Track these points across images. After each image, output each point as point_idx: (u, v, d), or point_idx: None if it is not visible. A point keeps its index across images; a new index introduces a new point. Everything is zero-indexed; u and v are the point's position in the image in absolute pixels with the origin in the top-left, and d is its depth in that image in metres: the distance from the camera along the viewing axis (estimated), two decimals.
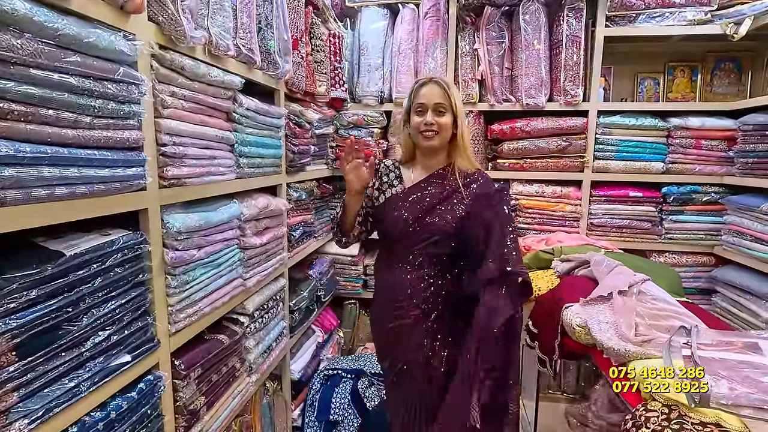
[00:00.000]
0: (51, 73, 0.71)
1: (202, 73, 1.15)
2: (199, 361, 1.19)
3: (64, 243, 0.82)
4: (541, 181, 2.43)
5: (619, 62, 2.51)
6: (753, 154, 2.05)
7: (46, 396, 0.74)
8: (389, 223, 1.37)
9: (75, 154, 0.77)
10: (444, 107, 1.33)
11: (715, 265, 2.32)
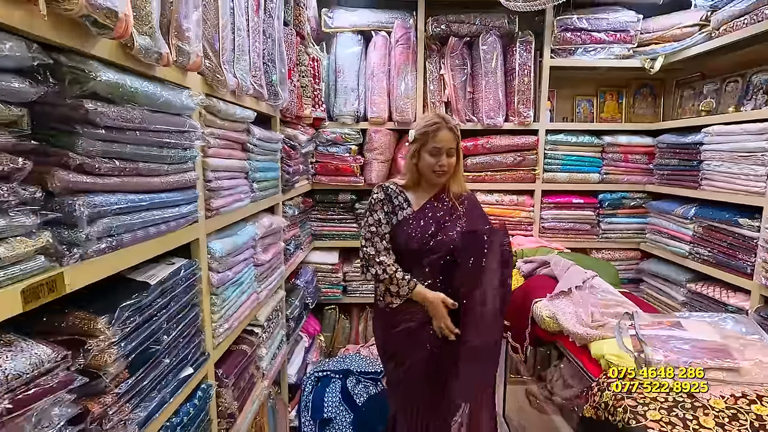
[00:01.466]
0: (148, 134, 0.85)
1: (231, 112, 1.29)
2: (233, 370, 1.33)
3: (144, 274, 0.94)
4: (499, 191, 2.75)
5: (560, 87, 2.90)
6: (667, 167, 2.51)
7: (148, 403, 0.87)
8: (403, 241, 1.57)
9: (161, 198, 0.91)
10: (454, 150, 1.56)
11: (641, 259, 2.78)
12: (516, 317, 1.88)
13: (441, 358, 1.54)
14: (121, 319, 0.79)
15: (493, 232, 1.54)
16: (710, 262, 2.15)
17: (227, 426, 1.28)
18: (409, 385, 1.59)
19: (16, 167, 0.57)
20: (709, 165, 2.16)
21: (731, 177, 2.03)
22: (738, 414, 1.00)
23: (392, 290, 1.53)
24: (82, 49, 0.68)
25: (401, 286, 1.52)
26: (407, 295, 1.52)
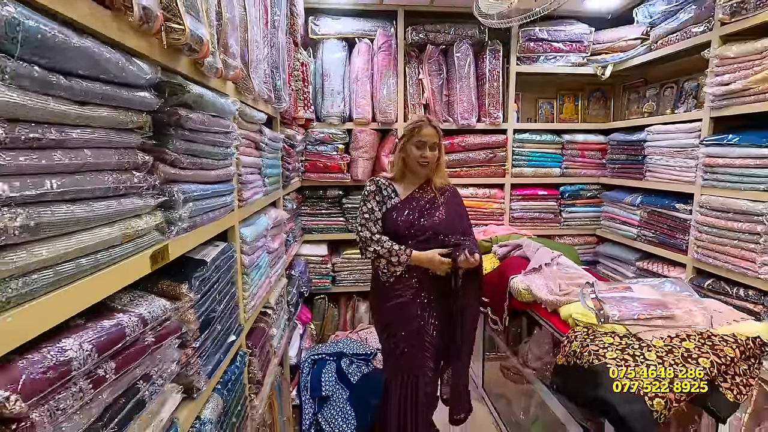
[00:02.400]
0: (210, 135, 1.02)
1: (252, 115, 1.47)
2: (257, 343, 1.50)
3: (200, 253, 1.11)
4: (474, 185, 3.03)
5: (525, 90, 3.22)
6: (617, 162, 2.88)
7: (211, 360, 1.05)
8: (390, 226, 1.80)
9: (215, 189, 1.08)
10: (436, 144, 1.81)
11: (597, 243, 3.15)
12: (494, 293, 2.15)
13: (429, 330, 1.78)
14: (195, 286, 0.96)
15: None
16: (654, 242, 2.52)
17: (256, 391, 1.46)
18: (400, 354, 1.82)
19: (144, 161, 0.74)
20: (651, 159, 2.52)
21: (669, 169, 2.39)
22: (672, 349, 1.29)
23: (393, 261, 1.76)
24: (175, 68, 0.86)
25: (400, 255, 1.75)
26: (407, 261, 1.75)
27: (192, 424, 0.95)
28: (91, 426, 0.56)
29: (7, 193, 0.44)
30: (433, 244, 1.82)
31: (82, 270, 0.57)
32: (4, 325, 0.44)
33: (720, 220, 2.02)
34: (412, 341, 1.82)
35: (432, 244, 1.80)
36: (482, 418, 2.54)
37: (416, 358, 1.83)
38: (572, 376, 1.38)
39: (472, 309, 1.90)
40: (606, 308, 1.46)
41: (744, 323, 1.37)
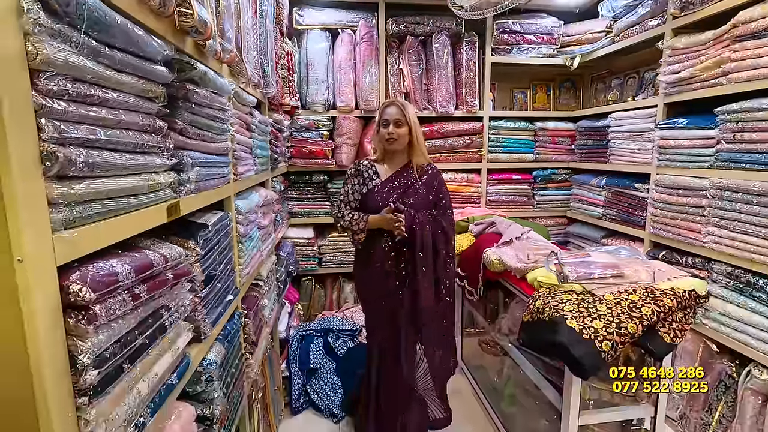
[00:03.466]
0: (211, 109, 1.15)
1: (243, 97, 1.59)
2: (251, 308, 1.63)
3: (201, 218, 1.23)
4: (452, 170, 3.20)
5: (500, 80, 3.40)
6: (585, 147, 3.08)
7: (213, 311, 1.18)
8: (370, 205, 1.94)
9: (215, 159, 1.21)
10: (401, 121, 1.93)
11: (567, 224, 3.36)
12: (470, 267, 2.33)
13: (403, 298, 1.93)
14: (200, 243, 1.09)
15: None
16: (617, 220, 2.73)
17: (251, 350, 1.59)
18: (378, 322, 1.98)
19: (160, 126, 0.87)
20: (614, 143, 2.73)
21: (629, 152, 2.60)
22: (620, 301, 1.48)
23: (354, 229, 1.91)
24: (183, 48, 0.98)
25: (359, 223, 1.90)
26: (365, 227, 1.90)
27: (200, 362, 1.08)
28: (129, 332, 0.69)
29: (75, 135, 0.57)
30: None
31: (121, 208, 0.70)
32: (71, 238, 0.57)
33: (672, 197, 2.23)
34: (389, 307, 1.96)
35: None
36: (462, 387, 2.72)
37: (393, 326, 1.98)
38: (535, 330, 1.55)
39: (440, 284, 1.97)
40: (566, 270, 1.64)
41: (682, 279, 1.57)
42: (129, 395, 0.69)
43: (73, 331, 0.56)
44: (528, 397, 2.06)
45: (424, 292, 1.88)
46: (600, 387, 1.64)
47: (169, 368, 0.86)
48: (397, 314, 1.96)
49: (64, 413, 0.54)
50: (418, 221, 1.85)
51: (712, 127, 1.99)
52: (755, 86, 1.79)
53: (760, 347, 1.79)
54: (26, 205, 0.50)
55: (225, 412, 1.23)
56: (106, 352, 0.61)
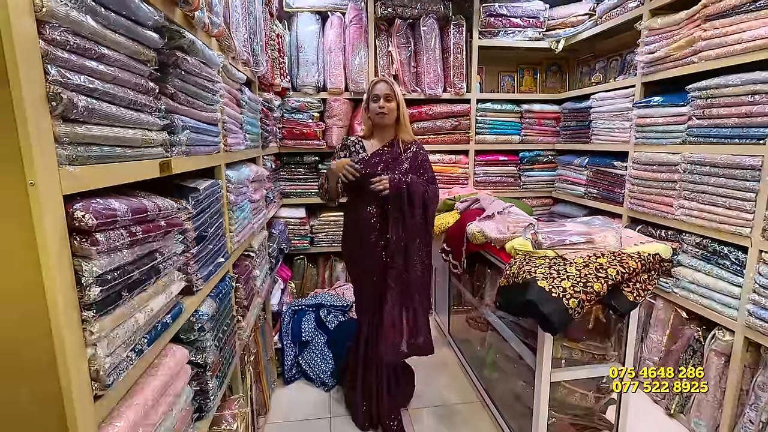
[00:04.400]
0: (200, 79, 1.22)
1: (233, 72, 1.66)
2: (242, 274, 1.72)
3: (193, 183, 1.31)
4: (441, 151, 3.28)
5: (488, 64, 3.46)
6: (569, 128, 3.17)
7: (205, 269, 1.26)
8: (358, 180, 2.02)
9: (205, 127, 1.29)
10: (390, 97, 2.02)
11: (552, 204, 3.46)
12: (454, 241, 2.42)
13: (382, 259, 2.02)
14: (191, 203, 1.17)
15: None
16: (598, 198, 2.83)
17: (242, 314, 1.68)
18: (363, 285, 2.09)
19: (152, 88, 0.94)
20: (596, 123, 2.82)
21: (609, 131, 2.69)
22: (589, 264, 1.57)
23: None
24: (172, 18, 1.05)
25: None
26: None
27: (193, 313, 1.17)
28: (127, 265, 0.77)
29: (76, 82, 0.65)
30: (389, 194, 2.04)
31: (117, 155, 0.79)
32: (75, 173, 0.65)
33: (647, 173, 2.32)
34: (375, 276, 2.05)
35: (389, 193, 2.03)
36: (448, 358, 2.84)
37: (379, 294, 2.06)
38: (510, 293, 1.65)
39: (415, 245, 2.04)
40: (540, 237, 1.73)
41: (648, 244, 1.67)
42: (128, 321, 0.78)
43: (78, 252, 0.65)
44: (508, 363, 2.17)
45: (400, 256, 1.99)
46: (571, 346, 1.75)
47: (164, 309, 0.95)
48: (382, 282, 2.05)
49: (71, 321, 0.63)
50: (395, 181, 1.94)
51: (684, 104, 2.08)
52: (723, 63, 1.88)
53: (725, 311, 1.90)
54: (37, 138, 0.58)
55: (218, 364, 1.33)
56: (107, 275, 0.70)
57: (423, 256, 2.05)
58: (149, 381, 0.88)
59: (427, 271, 2.13)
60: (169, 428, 0.93)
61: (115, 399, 0.75)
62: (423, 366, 2.70)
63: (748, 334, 1.79)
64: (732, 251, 1.88)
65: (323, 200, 2.12)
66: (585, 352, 1.75)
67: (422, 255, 2.04)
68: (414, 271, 2.05)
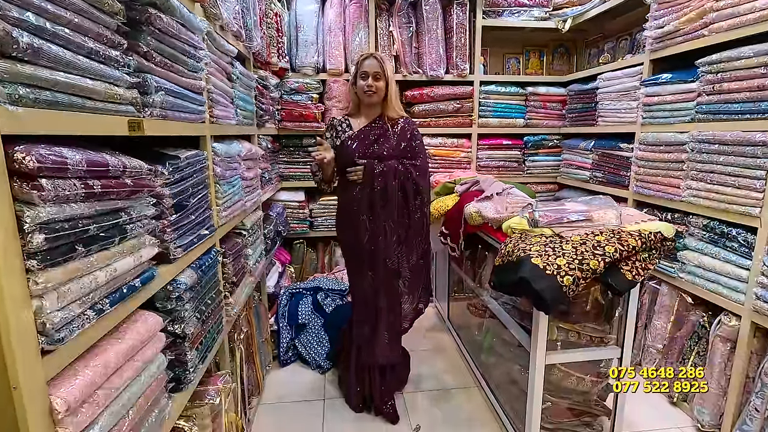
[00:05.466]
0: (179, 41, 1.18)
1: (221, 43, 1.62)
2: (231, 251, 1.69)
3: (176, 152, 1.28)
4: (443, 135, 3.21)
5: (493, 45, 3.37)
6: (575, 111, 3.07)
7: (185, 238, 1.23)
8: (347, 154, 1.99)
9: (185, 93, 1.25)
10: (379, 75, 1.97)
11: (557, 190, 3.37)
12: (452, 224, 2.37)
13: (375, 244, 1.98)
14: (169, 169, 1.14)
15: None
16: (603, 181, 2.74)
17: (230, 290, 1.66)
18: (356, 263, 2.05)
19: (119, 41, 0.91)
20: (602, 105, 2.72)
21: (615, 112, 2.59)
22: (586, 242, 1.51)
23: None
24: None
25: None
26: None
27: (171, 281, 1.14)
28: (82, 219, 0.74)
29: (16, 15, 0.61)
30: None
31: (74, 104, 0.75)
32: (16, 113, 0.61)
33: (654, 153, 2.23)
34: (362, 250, 2.01)
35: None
36: (446, 344, 2.80)
37: (367, 264, 2.02)
38: (504, 271, 1.60)
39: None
40: (536, 215, 1.67)
41: (650, 222, 1.60)
42: (85, 277, 0.75)
43: (19, 195, 0.61)
44: (504, 347, 2.12)
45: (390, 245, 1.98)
46: (567, 328, 1.69)
47: (132, 272, 0.92)
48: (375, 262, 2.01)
49: (13, 268, 0.60)
50: (380, 171, 1.92)
51: (694, 80, 1.99)
52: (734, 35, 1.78)
53: (731, 296, 1.83)
54: None
55: (199, 335, 1.30)
56: (54, 225, 0.67)
57: (420, 242, 2.04)
58: (113, 344, 0.86)
59: (425, 257, 2.10)
60: (136, 393, 0.90)
61: (68, 357, 0.72)
62: (421, 350, 2.67)
63: (756, 319, 1.71)
64: (740, 233, 1.79)
65: (318, 185, 2.09)
66: (582, 335, 1.70)
67: (419, 242, 2.03)
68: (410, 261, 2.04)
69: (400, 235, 2.02)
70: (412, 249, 2.03)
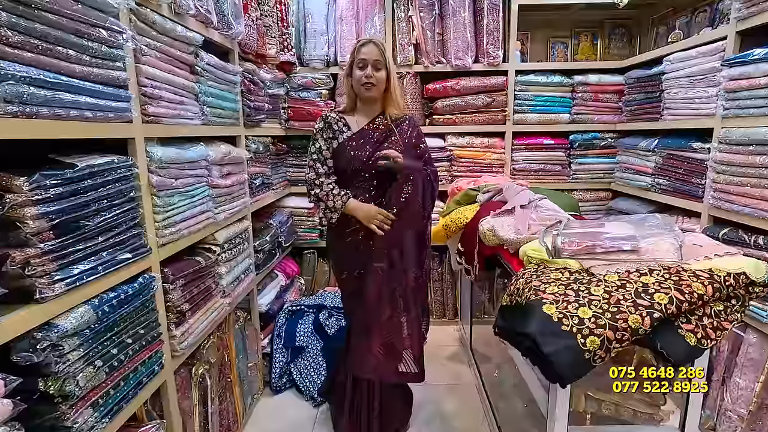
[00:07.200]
0: (62, 18, 0.93)
1: (170, 28, 1.36)
2: (182, 273, 1.44)
3: (75, 159, 1.03)
4: (471, 133, 2.79)
5: (534, 28, 2.88)
6: (634, 103, 2.51)
7: (74, 269, 0.97)
8: (345, 162, 1.68)
9: (81, 84, 0.99)
10: (380, 64, 1.64)
11: (611, 199, 2.81)
12: (468, 241, 1.96)
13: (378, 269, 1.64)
14: (40, 183, 0.88)
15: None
16: (668, 191, 2.19)
17: (177, 320, 1.40)
18: (357, 292, 1.71)
19: None
20: (669, 93, 2.16)
21: (687, 102, 2.04)
22: (626, 284, 1.07)
23: (329, 206, 1.67)
24: None
25: (336, 201, 1.65)
26: (342, 208, 1.66)
27: (41, 327, 0.89)
28: None
29: None
30: (388, 181, 1.68)
31: None
32: None
33: (740, 156, 1.68)
34: (364, 279, 1.70)
35: (381, 177, 1.66)
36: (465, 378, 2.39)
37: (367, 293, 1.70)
38: (510, 316, 1.19)
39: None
40: (558, 241, 1.24)
41: (728, 258, 1.11)
42: None
43: None
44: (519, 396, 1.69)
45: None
46: (601, 398, 1.24)
47: None
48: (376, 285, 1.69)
49: None
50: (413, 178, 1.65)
51: None
52: None
53: None
54: None
55: (100, 388, 1.04)
56: None
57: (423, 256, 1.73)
58: None
59: (424, 276, 1.76)
60: None
61: None
62: (435, 384, 2.29)
63: None
64: None
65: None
66: (622, 408, 1.24)
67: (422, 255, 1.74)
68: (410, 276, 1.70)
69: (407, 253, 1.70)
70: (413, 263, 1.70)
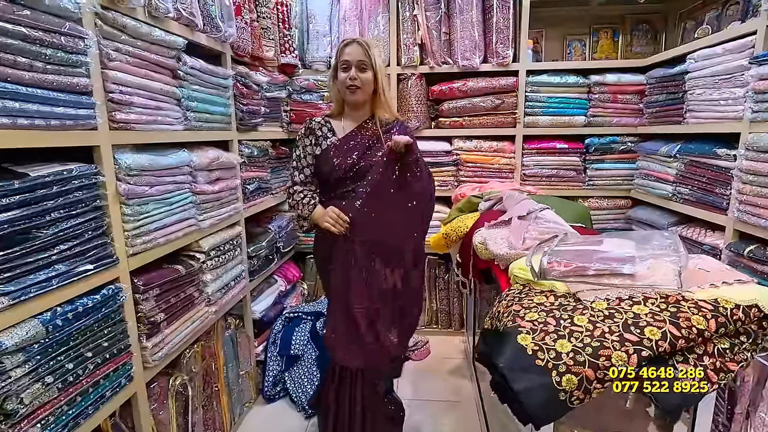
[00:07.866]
0: (6, 24, 0.89)
1: (145, 32, 1.32)
2: (157, 283, 1.40)
3: (29, 168, 1.01)
4: (478, 137, 2.66)
5: (549, 26, 2.73)
6: (656, 104, 2.32)
7: (22, 282, 0.94)
8: (329, 169, 1.60)
9: (32, 92, 0.96)
10: (365, 64, 1.56)
11: (630, 207, 2.62)
12: (465, 252, 1.85)
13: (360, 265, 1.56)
14: None
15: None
16: (690, 200, 2.00)
17: (149, 332, 1.36)
18: (336, 289, 1.64)
19: None
20: (693, 94, 1.98)
21: (712, 104, 1.85)
22: (615, 314, 0.94)
23: (299, 214, 1.63)
24: None
25: (303, 210, 1.61)
26: (308, 217, 1.60)
27: None
28: None
29: None
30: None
31: None
32: None
33: None
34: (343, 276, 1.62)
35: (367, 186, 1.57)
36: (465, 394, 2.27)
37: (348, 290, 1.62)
38: (488, 343, 1.09)
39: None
40: (544, 261, 1.12)
41: (738, 286, 0.96)
42: None
43: None
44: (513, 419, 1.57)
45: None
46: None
47: None
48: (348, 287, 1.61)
49: None
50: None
51: None
52: None
53: None
54: None
55: (51, 404, 1.01)
56: None
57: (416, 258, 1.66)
58: None
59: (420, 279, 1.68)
60: None
61: None
62: (433, 400, 2.19)
63: None
64: None
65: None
66: None
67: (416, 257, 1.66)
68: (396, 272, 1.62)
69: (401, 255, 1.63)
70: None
